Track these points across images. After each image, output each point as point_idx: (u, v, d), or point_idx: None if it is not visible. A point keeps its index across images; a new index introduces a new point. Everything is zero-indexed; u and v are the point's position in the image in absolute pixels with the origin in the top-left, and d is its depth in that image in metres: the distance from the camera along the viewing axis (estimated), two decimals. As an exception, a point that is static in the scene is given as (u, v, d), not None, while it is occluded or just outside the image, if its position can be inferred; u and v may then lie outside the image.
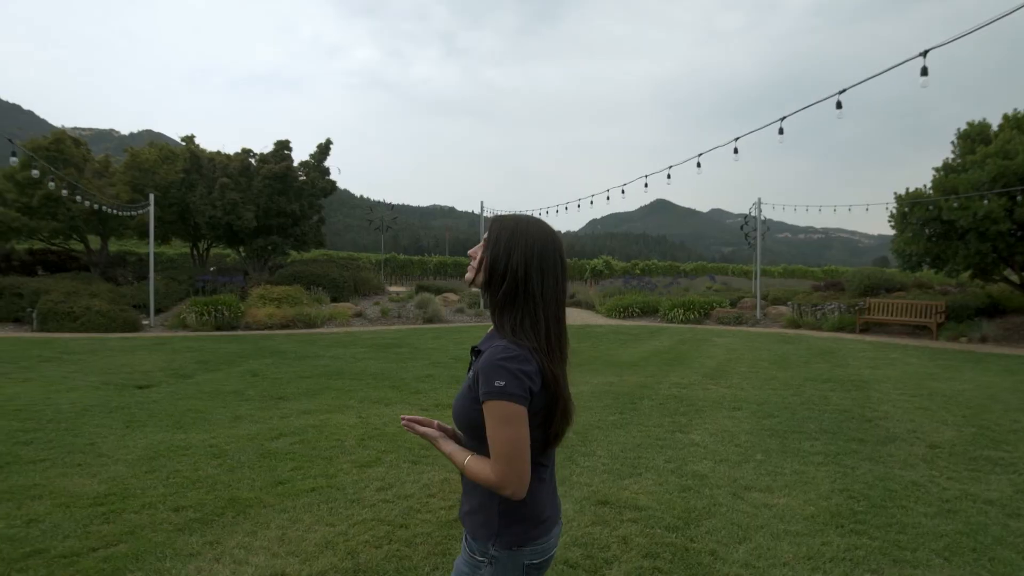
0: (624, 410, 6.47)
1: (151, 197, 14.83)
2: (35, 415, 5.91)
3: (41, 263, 19.93)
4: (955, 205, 11.36)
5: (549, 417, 1.40)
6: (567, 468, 4.58)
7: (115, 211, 14.45)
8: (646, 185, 9.73)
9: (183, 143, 20.42)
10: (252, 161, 18.65)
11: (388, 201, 19.07)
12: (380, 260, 28.81)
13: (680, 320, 16.36)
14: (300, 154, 51.29)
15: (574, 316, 18.40)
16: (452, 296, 18.11)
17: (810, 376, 8.63)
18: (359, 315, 16.38)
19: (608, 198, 11.74)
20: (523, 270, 1.38)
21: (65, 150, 16.67)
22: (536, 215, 1.89)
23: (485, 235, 1.47)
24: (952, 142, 13.54)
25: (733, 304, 17.37)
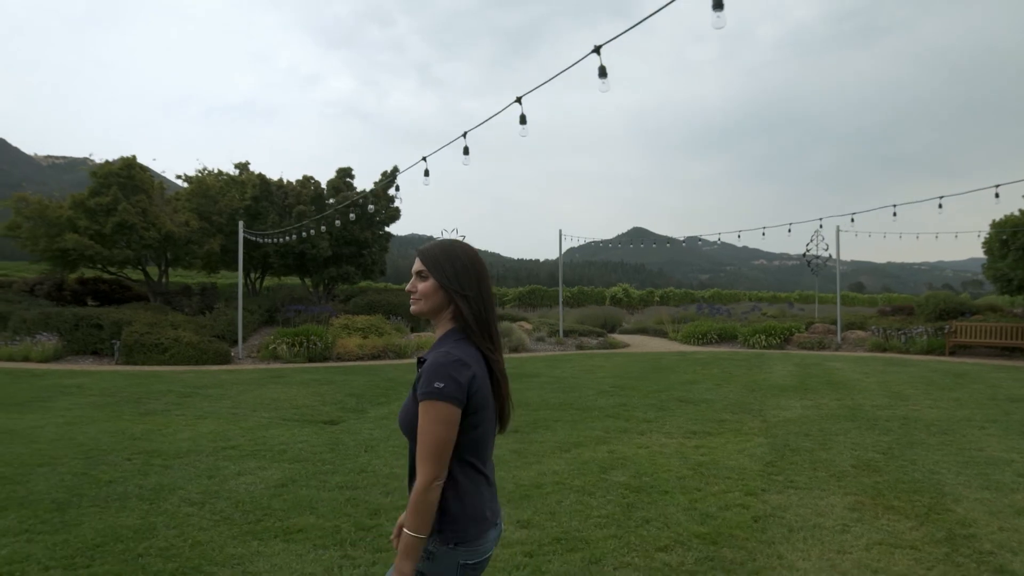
0: (884, 431, 6.47)
1: (240, 224, 14.51)
2: (298, 456, 5.51)
3: (92, 292, 19.20)
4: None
5: (500, 407, 1.63)
6: (966, 488, 4.54)
7: (261, 239, 14.20)
8: (789, 230, 10.04)
9: (238, 170, 20.10)
10: (324, 188, 18.40)
11: (458, 231, 18.87)
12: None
13: (762, 346, 16.50)
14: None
15: (650, 343, 18.41)
16: (526, 324, 17.98)
17: (987, 396, 8.76)
18: (441, 344, 16.13)
19: (763, 233, 11.99)
20: (470, 283, 1.57)
21: (135, 176, 16.25)
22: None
23: (415, 269, 1.60)
24: (1038, 170, 14.16)
25: (807, 329, 17.61)
